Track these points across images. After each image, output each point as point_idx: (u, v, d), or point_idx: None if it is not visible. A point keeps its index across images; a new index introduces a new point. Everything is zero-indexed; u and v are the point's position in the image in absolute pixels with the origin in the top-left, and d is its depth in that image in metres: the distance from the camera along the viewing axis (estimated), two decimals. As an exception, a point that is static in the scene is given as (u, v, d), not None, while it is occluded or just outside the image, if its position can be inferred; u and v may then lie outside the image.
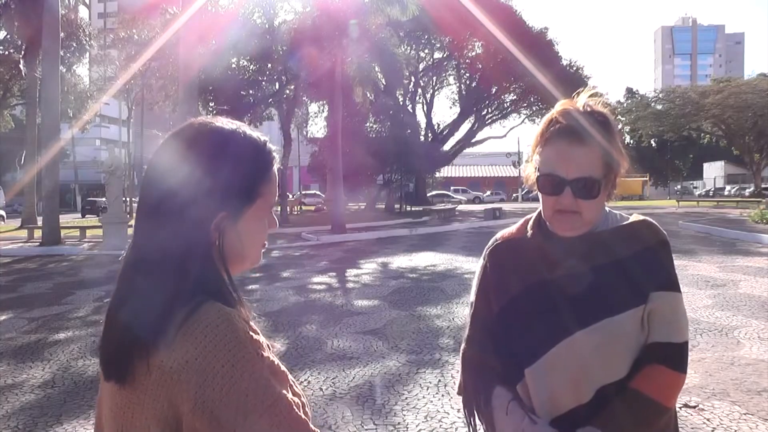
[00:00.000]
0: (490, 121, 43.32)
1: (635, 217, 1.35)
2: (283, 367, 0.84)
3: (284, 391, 0.80)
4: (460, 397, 1.41)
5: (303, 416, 0.81)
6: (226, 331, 0.77)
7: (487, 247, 1.44)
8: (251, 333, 0.80)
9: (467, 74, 41.12)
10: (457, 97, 43.43)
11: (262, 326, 0.91)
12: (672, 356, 1.23)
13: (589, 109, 1.28)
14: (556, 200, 1.25)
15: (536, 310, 1.29)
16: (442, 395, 4.31)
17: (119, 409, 0.82)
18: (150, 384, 0.78)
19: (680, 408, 3.88)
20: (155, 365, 0.77)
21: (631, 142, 56.04)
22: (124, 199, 22.09)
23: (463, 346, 1.41)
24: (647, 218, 1.34)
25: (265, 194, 0.90)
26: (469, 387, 1.37)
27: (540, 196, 1.30)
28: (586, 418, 1.23)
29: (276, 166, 0.93)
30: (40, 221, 20.41)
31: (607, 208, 1.35)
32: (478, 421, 1.35)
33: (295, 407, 0.80)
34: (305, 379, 4.73)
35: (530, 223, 1.39)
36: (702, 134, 50.85)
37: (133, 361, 0.79)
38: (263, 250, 0.95)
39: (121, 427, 0.82)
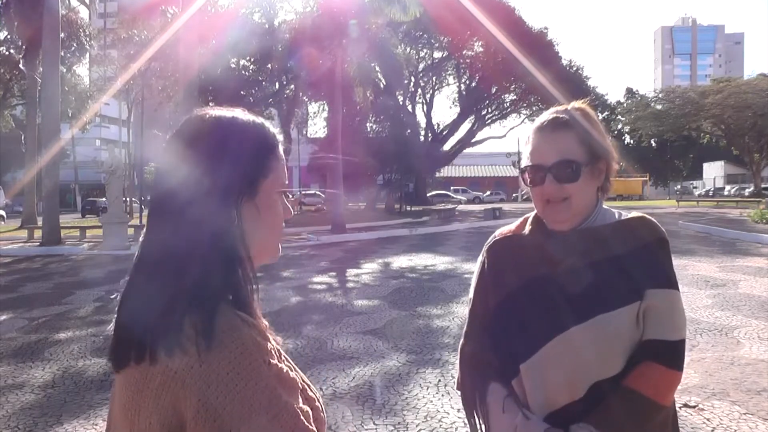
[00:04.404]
0: (490, 121, 43.36)
1: (634, 213, 1.35)
2: (293, 374, 0.83)
3: (291, 401, 0.79)
4: (460, 393, 1.43)
5: (310, 426, 0.80)
6: (231, 338, 0.77)
7: (486, 243, 1.45)
8: (259, 339, 0.80)
9: (467, 74, 41.12)
10: (456, 97, 43.45)
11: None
12: (666, 353, 1.23)
13: (567, 106, 1.34)
14: (542, 190, 1.29)
15: (532, 306, 1.30)
16: (442, 395, 4.31)
17: (126, 410, 0.82)
18: (154, 387, 0.77)
19: (680, 408, 3.88)
20: (159, 369, 0.77)
21: (631, 142, 56.06)
22: (124, 199, 22.07)
23: (461, 341, 1.43)
24: (646, 215, 1.34)
25: (276, 169, 0.90)
26: (466, 383, 1.39)
27: (531, 193, 1.33)
28: (581, 415, 1.23)
29: (281, 146, 0.94)
30: (40, 221, 20.42)
31: (605, 206, 1.36)
32: (477, 418, 1.36)
33: (302, 417, 0.79)
34: (305, 379, 4.74)
35: (529, 220, 1.41)
36: (702, 134, 50.82)
37: (136, 358, 0.79)
38: (281, 243, 0.94)
39: (131, 425, 0.82)
